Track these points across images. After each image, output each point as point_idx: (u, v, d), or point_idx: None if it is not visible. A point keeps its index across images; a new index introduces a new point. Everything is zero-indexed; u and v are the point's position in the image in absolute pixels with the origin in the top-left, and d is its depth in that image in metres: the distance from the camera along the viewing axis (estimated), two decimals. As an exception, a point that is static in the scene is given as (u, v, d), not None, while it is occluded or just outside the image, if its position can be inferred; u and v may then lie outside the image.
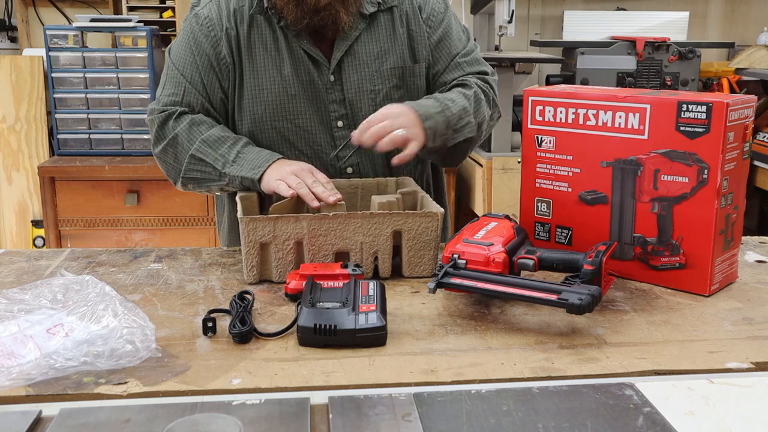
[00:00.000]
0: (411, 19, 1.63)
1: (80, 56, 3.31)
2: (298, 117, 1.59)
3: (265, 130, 1.59)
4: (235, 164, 1.49)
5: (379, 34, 1.60)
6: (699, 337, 1.15)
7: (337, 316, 1.10)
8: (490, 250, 1.24)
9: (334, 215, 1.34)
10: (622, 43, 3.36)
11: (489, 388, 0.97)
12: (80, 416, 0.90)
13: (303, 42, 1.56)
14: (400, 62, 1.62)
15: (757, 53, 3.61)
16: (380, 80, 1.60)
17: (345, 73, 1.59)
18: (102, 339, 1.05)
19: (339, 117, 1.61)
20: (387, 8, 1.61)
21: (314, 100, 1.59)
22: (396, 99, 1.61)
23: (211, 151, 1.51)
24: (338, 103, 1.60)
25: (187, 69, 1.58)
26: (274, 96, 1.57)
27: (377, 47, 1.60)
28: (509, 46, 3.83)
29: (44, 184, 3.23)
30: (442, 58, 1.66)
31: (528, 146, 1.45)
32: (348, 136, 1.61)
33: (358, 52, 1.59)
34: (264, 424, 0.88)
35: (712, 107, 1.24)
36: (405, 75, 1.63)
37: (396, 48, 1.61)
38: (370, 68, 1.59)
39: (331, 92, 1.59)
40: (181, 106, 1.56)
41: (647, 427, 0.88)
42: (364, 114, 1.59)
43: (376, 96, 1.60)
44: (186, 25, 1.62)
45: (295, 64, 1.57)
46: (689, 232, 1.30)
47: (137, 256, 1.51)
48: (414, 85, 1.65)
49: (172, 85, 1.59)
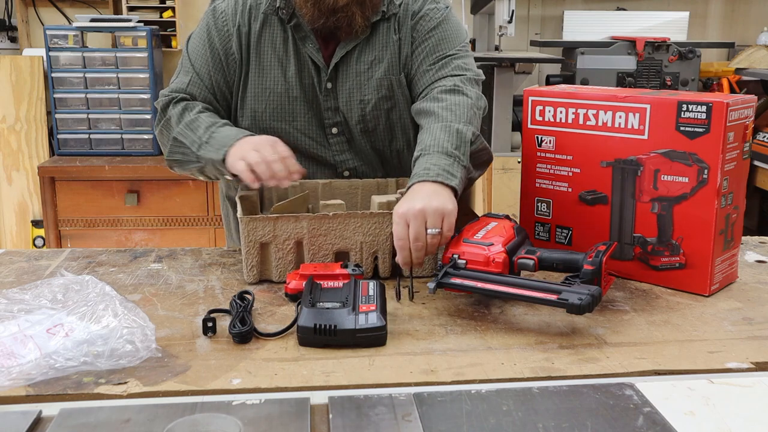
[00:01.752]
0: (402, 25, 1.59)
1: (80, 56, 3.31)
2: (297, 119, 1.59)
3: (264, 129, 1.58)
4: (206, 145, 1.47)
5: (375, 43, 1.58)
6: (699, 337, 1.15)
7: (337, 316, 1.10)
8: (490, 250, 1.24)
9: (334, 215, 1.34)
10: (622, 43, 3.36)
11: (489, 388, 0.97)
12: (80, 416, 0.90)
13: (308, 46, 1.56)
14: (388, 73, 1.58)
15: (757, 53, 3.60)
16: (369, 91, 1.57)
17: (339, 81, 1.58)
18: (102, 339, 1.05)
19: (333, 124, 1.60)
20: (388, 16, 1.58)
21: (313, 104, 1.59)
22: (385, 110, 1.59)
23: (190, 134, 1.51)
24: (333, 111, 1.59)
25: (197, 60, 1.59)
26: (276, 96, 1.57)
27: (371, 56, 1.57)
28: (509, 46, 3.83)
29: (44, 184, 3.23)
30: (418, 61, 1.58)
31: (528, 146, 1.45)
32: (342, 142, 1.61)
33: (353, 61, 1.57)
34: (264, 424, 0.88)
35: (712, 107, 1.24)
36: (393, 86, 1.58)
37: (387, 57, 1.58)
38: (361, 78, 1.58)
39: (326, 99, 1.59)
40: (184, 94, 1.58)
41: (647, 427, 0.88)
42: (354, 124, 1.59)
43: (365, 106, 1.58)
44: (204, 17, 1.63)
45: (300, 68, 1.57)
46: (689, 232, 1.30)
47: (137, 256, 1.51)
48: (403, 95, 1.60)
49: (183, 74, 1.61)
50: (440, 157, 1.35)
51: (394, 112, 1.60)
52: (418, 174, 1.33)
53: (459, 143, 1.38)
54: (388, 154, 1.64)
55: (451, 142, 1.38)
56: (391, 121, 1.60)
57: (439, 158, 1.35)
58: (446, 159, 1.35)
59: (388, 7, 1.57)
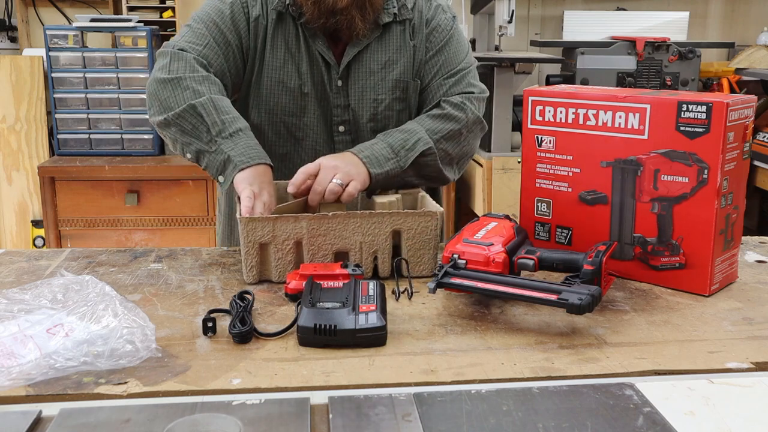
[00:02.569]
0: (417, 32, 1.63)
1: (80, 56, 3.32)
2: (307, 115, 1.61)
3: (276, 123, 1.61)
4: (230, 140, 1.43)
5: (389, 44, 1.61)
6: (699, 337, 1.15)
7: (337, 316, 1.10)
8: (490, 250, 1.24)
9: (334, 215, 1.34)
10: (622, 43, 3.36)
11: (489, 388, 0.97)
12: (80, 416, 0.90)
13: (318, 43, 1.57)
14: (404, 75, 1.62)
15: (757, 53, 3.61)
16: (383, 90, 1.61)
17: (351, 79, 1.60)
18: (102, 339, 1.05)
19: (341, 122, 1.62)
20: (402, 20, 1.61)
21: (322, 101, 1.61)
22: (397, 111, 1.62)
23: (214, 113, 1.44)
24: (342, 108, 1.61)
25: (213, 29, 1.55)
26: (291, 91, 1.59)
27: (385, 57, 1.60)
28: (509, 46, 3.83)
29: (44, 184, 3.23)
30: (432, 73, 1.62)
31: (528, 146, 1.45)
32: (347, 142, 1.63)
33: (366, 60, 1.60)
34: (264, 424, 0.88)
35: (712, 107, 1.24)
36: (408, 89, 1.63)
37: (402, 60, 1.62)
38: (375, 77, 1.60)
39: (337, 96, 1.61)
40: (200, 56, 1.52)
41: (647, 427, 0.88)
42: (365, 122, 1.61)
43: (378, 105, 1.61)
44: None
45: (311, 64, 1.59)
46: (689, 232, 1.30)
47: (137, 256, 1.51)
48: (414, 100, 1.65)
49: (194, 36, 1.54)
50: (385, 148, 1.50)
51: (404, 113, 1.64)
52: (358, 148, 1.49)
53: (410, 147, 1.51)
54: None
55: (406, 142, 1.51)
56: (401, 122, 1.63)
57: (384, 148, 1.49)
58: (388, 151, 1.49)
59: (400, 11, 1.60)
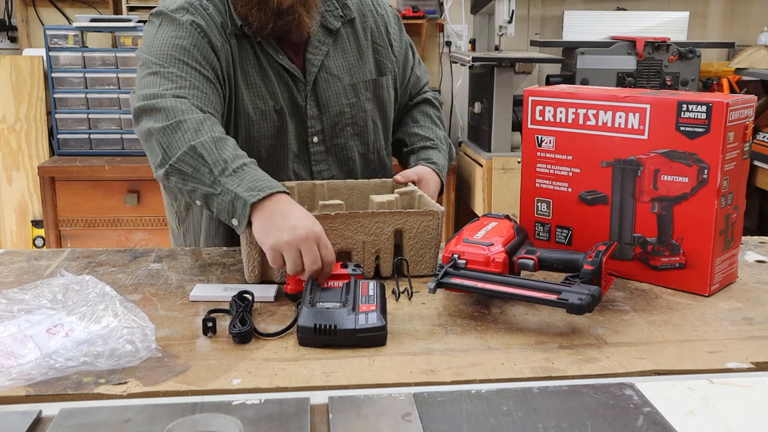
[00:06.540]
0: (375, 33, 1.66)
1: (80, 56, 3.32)
2: (283, 133, 1.57)
3: (259, 150, 1.53)
4: (234, 176, 1.29)
5: (345, 47, 1.62)
6: (699, 337, 1.15)
7: (337, 316, 1.10)
8: (490, 250, 1.24)
9: (336, 215, 1.34)
10: (622, 43, 3.36)
11: (489, 388, 0.97)
12: (80, 416, 0.90)
13: (280, 57, 1.55)
14: (369, 75, 1.64)
15: (757, 53, 3.60)
16: (354, 93, 1.62)
17: (320, 88, 1.59)
18: (102, 339, 1.05)
19: (315, 133, 1.60)
20: (348, 20, 1.63)
21: (295, 115, 1.58)
22: (367, 111, 1.64)
23: (214, 151, 1.31)
24: (315, 119, 1.59)
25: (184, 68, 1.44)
26: (267, 114, 1.54)
27: (345, 61, 1.62)
28: (509, 46, 3.83)
29: (44, 184, 3.23)
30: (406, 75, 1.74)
31: (528, 146, 1.45)
32: (321, 152, 1.62)
33: (330, 67, 1.60)
34: (264, 424, 0.88)
35: (712, 107, 1.24)
36: (376, 87, 1.65)
37: (364, 61, 1.64)
38: (344, 82, 1.61)
39: (309, 108, 1.58)
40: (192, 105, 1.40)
41: (647, 427, 0.88)
42: (339, 129, 1.61)
43: (352, 108, 1.62)
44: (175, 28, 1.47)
45: (279, 80, 1.56)
46: (689, 232, 1.30)
47: (137, 256, 1.51)
48: (383, 97, 1.67)
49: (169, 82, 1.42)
50: (440, 156, 1.69)
51: (376, 111, 1.67)
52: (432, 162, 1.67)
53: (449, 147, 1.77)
54: (370, 154, 1.68)
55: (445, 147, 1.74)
56: (375, 121, 1.66)
57: (439, 156, 1.69)
58: (443, 158, 1.71)
59: (344, 12, 1.63)
